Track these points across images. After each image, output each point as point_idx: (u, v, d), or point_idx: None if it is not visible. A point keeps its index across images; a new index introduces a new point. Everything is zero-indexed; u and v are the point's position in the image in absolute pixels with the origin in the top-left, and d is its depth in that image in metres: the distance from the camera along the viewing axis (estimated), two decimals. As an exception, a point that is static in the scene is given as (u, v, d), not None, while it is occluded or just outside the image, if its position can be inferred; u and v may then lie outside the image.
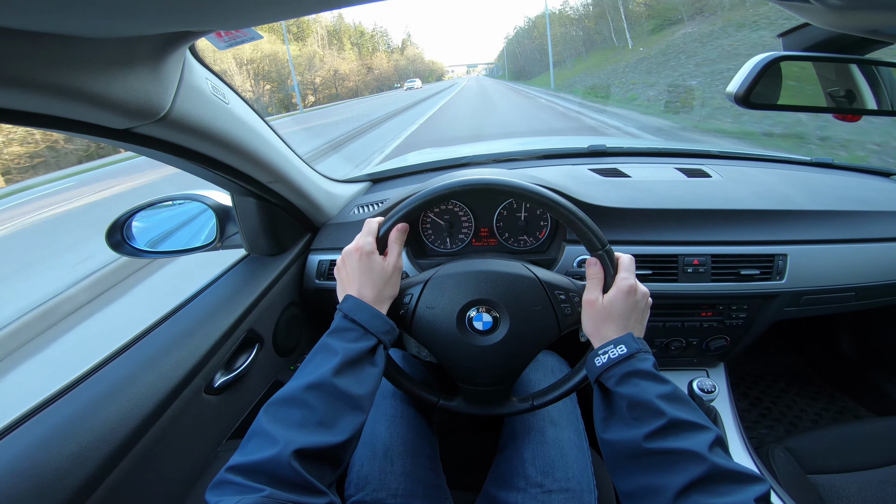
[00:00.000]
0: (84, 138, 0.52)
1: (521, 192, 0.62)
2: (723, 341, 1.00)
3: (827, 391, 1.46)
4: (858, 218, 0.97)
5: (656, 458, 0.46)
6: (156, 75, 0.50)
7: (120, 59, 0.45)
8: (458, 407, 0.69)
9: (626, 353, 0.53)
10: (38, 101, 0.42)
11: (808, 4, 0.43)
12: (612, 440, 0.51)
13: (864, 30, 0.48)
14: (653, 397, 0.48)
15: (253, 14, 0.38)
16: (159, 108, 0.53)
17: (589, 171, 1.09)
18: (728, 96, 0.64)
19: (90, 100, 0.44)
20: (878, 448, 0.88)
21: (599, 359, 0.55)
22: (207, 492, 0.42)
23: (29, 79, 0.38)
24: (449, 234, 1.00)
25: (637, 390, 0.50)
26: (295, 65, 66.70)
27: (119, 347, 0.70)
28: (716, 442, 0.45)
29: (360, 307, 0.58)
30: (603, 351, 0.55)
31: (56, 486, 0.49)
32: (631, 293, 0.58)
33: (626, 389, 0.51)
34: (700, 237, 0.93)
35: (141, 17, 0.36)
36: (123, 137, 0.54)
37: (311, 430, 0.47)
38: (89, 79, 0.43)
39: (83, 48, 0.41)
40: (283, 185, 0.87)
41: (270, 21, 0.41)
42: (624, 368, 0.52)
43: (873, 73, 0.69)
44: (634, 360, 0.53)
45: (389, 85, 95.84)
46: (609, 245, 0.61)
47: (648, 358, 0.53)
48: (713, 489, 0.41)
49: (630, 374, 0.52)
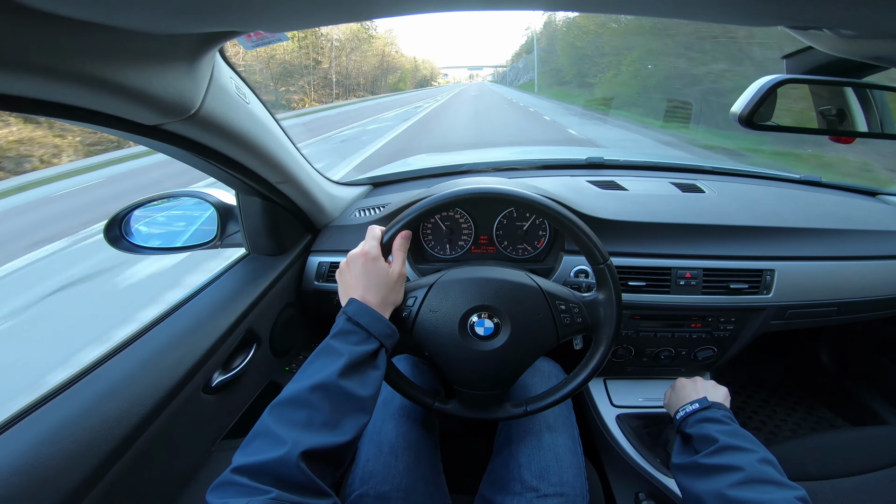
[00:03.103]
0: (113, 133, 0.52)
1: (529, 202, 0.64)
2: (710, 352, 1.03)
3: (806, 401, 1.51)
4: (843, 236, 1.02)
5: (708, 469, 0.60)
6: (190, 74, 0.51)
7: (161, 55, 0.46)
8: (453, 410, 0.70)
9: (699, 406, 0.71)
10: (79, 93, 0.42)
11: (819, 32, 0.45)
12: (679, 463, 0.66)
13: (869, 56, 0.50)
14: (713, 432, 0.63)
15: (293, 20, 0.39)
16: (190, 106, 0.54)
17: (587, 182, 1.11)
18: (732, 117, 0.67)
19: (129, 94, 0.45)
20: (854, 457, 0.91)
21: (679, 413, 0.73)
22: (209, 492, 0.42)
23: (74, 69, 0.39)
24: (449, 240, 1.02)
25: (703, 429, 0.66)
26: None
27: (120, 343, 0.69)
28: (763, 460, 0.57)
29: (364, 311, 0.59)
30: (682, 408, 0.74)
31: (53, 484, 0.49)
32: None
33: (695, 430, 0.67)
34: (692, 251, 0.96)
35: (189, 15, 0.37)
36: (151, 133, 0.55)
37: (317, 430, 0.47)
38: (132, 73, 0.44)
39: (128, 42, 0.41)
40: (290, 185, 0.88)
41: (309, 26, 0.42)
42: (697, 417, 0.69)
43: (866, 96, 0.71)
44: (706, 412, 0.69)
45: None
46: (610, 259, 0.63)
47: (717, 411, 0.69)
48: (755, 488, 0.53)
49: (700, 420, 0.68)
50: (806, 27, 0.47)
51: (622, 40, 20.84)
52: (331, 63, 52.64)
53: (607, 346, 0.67)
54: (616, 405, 1.05)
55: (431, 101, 29.20)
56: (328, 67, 52.13)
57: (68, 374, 0.62)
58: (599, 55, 24.33)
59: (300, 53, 46.16)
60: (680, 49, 13.70)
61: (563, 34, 37.35)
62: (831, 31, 0.45)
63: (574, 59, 29.63)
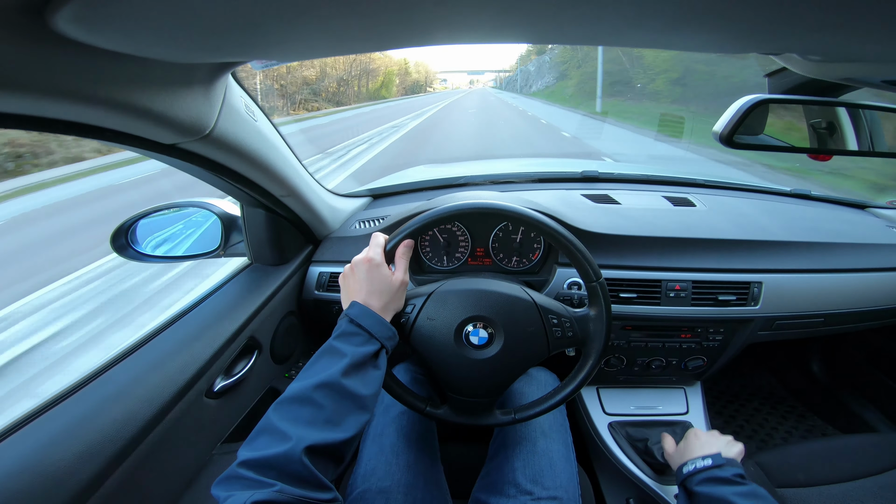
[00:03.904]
0: (135, 151, 0.55)
1: (527, 219, 0.67)
2: (700, 361, 1.05)
3: (797, 410, 1.53)
4: (830, 249, 1.05)
5: None
6: (206, 96, 0.55)
7: (182, 80, 0.50)
8: (444, 415, 0.72)
9: (712, 464, 0.66)
10: (107, 116, 0.46)
11: (791, 55, 0.49)
12: None
13: (839, 77, 0.53)
14: (729, 495, 0.59)
15: (301, 51, 0.43)
16: (205, 126, 0.57)
17: (581, 196, 1.14)
18: (714, 135, 0.69)
19: (152, 116, 0.48)
20: (842, 464, 0.93)
21: (687, 466, 0.69)
22: (215, 485, 0.43)
23: (105, 95, 0.42)
24: (446, 252, 1.04)
25: (715, 491, 0.62)
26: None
27: (127, 348, 0.71)
28: None
29: (366, 313, 0.61)
30: (691, 462, 0.69)
31: (62, 485, 0.51)
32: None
33: (704, 489, 0.63)
34: (682, 264, 0.99)
35: (213, 48, 0.41)
36: (168, 152, 0.58)
37: (320, 427, 0.49)
38: (156, 97, 0.47)
39: (154, 70, 0.45)
40: (294, 198, 0.91)
41: (316, 57, 0.45)
42: (706, 475, 0.66)
43: (857, 112, 0.73)
44: (717, 470, 0.65)
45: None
46: (603, 277, 0.66)
47: (730, 469, 0.65)
48: None
49: (710, 480, 0.64)
50: (777, 52, 0.50)
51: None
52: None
53: (596, 359, 0.69)
54: (608, 413, 1.07)
55: (409, 120, 18.18)
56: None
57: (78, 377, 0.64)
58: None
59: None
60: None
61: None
62: (800, 56, 0.48)
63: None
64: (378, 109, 29.52)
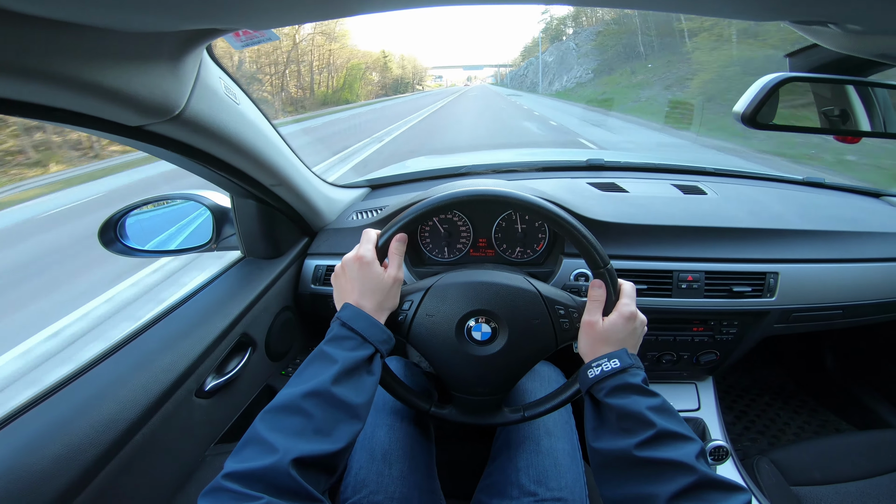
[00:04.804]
0: (96, 134, 0.51)
1: (528, 205, 0.63)
2: (713, 356, 1.02)
3: (809, 405, 1.49)
4: (848, 238, 1.00)
5: (647, 467, 0.47)
6: (174, 73, 0.50)
7: (142, 54, 0.45)
8: (449, 415, 0.69)
9: (619, 366, 0.55)
10: (57, 94, 0.41)
11: (825, 28, 0.44)
12: (602, 449, 0.52)
13: (875, 53, 0.49)
14: (643, 408, 0.50)
15: (279, 15, 0.38)
16: (175, 106, 0.52)
17: (587, 184, 1.10)
18: (735, 116, 0.65)
19: (109, 95, 0.44)
20: (858, 461, 0.91)
21: (592, 371, 0.57)
22: (201, 497, 0.41)
23: (51, 70, 0.38)
24: (447, 243, 1.00)
25: (628, 402, 0.52)
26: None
27: (111, 347, 0.68)
28: (700, 453, 0.48)
29: (359, 316, 0.58)
30: (597, 364, 0.57)
31: (38, 489, 0.48)
32: (631, 319, 0.60)
33: (617, 401, 0.52)
34: (694, 254, 0.95)
35: (170, 12, 0.36)
36: (135, 135, 0.54)
37: (309, 438, 0.46)
38: (110, 73, 0.43)
39: (107, 41, 0.40)
40: (285, 188, 0.87)
41: (297, 23, 0.41)
42: (616, 381, 0.54)
43: (869, 95, 0.70)
44: (626, 374, 0.55)
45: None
46: (611, 263, 0.62)
47: (640, 373, 0.55)
48: (701, 497, 0.44)
49: (621, 387, 0.53)
50: (812, 22, 0.46)
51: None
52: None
53: None
54: None
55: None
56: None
57: (59, 377, 0.61)
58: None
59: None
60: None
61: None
62: (838, 26, 0.44)
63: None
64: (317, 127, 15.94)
